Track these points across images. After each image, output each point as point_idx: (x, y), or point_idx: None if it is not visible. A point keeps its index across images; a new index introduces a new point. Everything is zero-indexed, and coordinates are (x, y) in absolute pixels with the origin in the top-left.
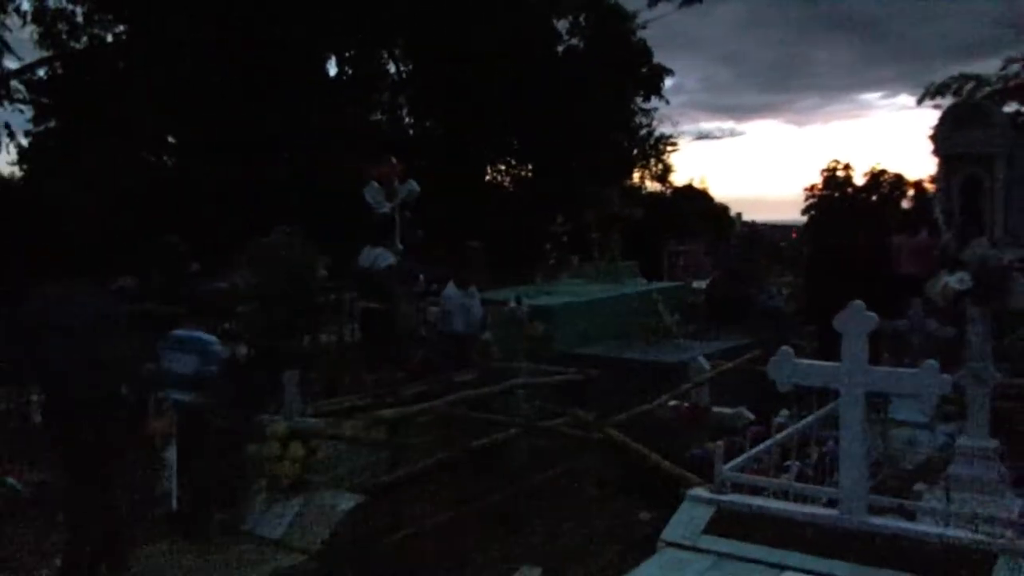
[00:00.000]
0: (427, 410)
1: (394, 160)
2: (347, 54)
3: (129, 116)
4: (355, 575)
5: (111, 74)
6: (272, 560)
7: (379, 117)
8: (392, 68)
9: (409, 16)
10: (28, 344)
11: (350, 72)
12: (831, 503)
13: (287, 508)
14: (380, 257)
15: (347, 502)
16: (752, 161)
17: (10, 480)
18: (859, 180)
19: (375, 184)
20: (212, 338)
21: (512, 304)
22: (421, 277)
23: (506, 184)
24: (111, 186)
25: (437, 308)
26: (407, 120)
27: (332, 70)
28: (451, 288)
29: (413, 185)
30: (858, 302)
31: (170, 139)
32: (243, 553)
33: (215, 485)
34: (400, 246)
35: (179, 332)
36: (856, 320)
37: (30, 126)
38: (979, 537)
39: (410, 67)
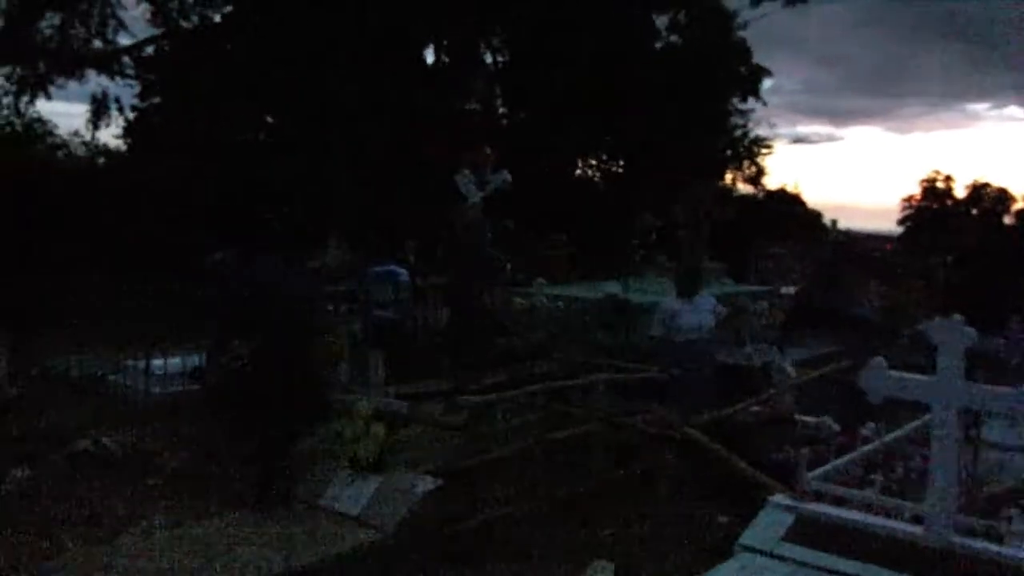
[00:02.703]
0: (507, 399)
1: (488, 149)
2: (444, 42)
3: (231, 95)
4: (429, 556)
5: (216, 53)
6: (350, 536)
7: (473, 106)
8: (489, 58)
9: (510, 6)
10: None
11: (447, 60)
12: (916, 519)
13: (366, 486)
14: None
15: (425, 484)
16: (849, 168)
17: (104, 440)
18: (960, 193)
19: (467, 172)
20: (402, 270)
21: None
22: (508, 266)
23: (596, 179)
24: (212, 162)
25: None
26: (500, 110)
27: (430, 57)
28: (669, 298)
29: (505, 174)
30: (957, 315)
31: (269, 119)
32: (322, 527)
33: (291, 459)
34: (489, 235)
35: (377, 268)
36: (953, 333)
37: (136, 102)
38: None
39: (507, 57)
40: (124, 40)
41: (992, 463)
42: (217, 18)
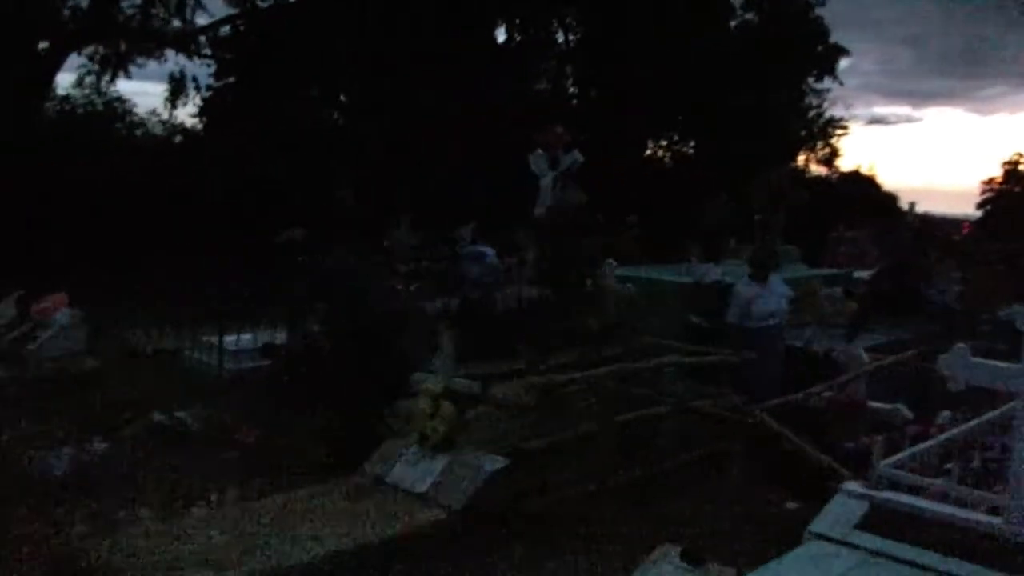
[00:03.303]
0: (576, 380)
1: (559, 129)
2: (517, 20)
3: (305, 75)
4: (496, 535)
5: (291, 33)
6: (417, 514)
7: (544, 85)
8: (560, 37)
9: None
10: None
11: (519, 39)
12: (993, 511)
13: (434, 464)
14: (709, 273)
15: (492, 464)
16: (927, 149)
17: (179, 414)
18: None
19: (540, 151)
20: (491, 251)
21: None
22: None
23: (666, 160)
24: (284, 141)
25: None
26: (571, 90)
27: (501, 36)
28: (743, 280)
29: (576, 155)
30: None
31: (342, 98)
32: (389, 504)
33: (362, 435)
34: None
35: (469, 248)
36: None
37: (211, 81)
38: None
39: (579, 36)
40: (201, 20)
41: None
42: None
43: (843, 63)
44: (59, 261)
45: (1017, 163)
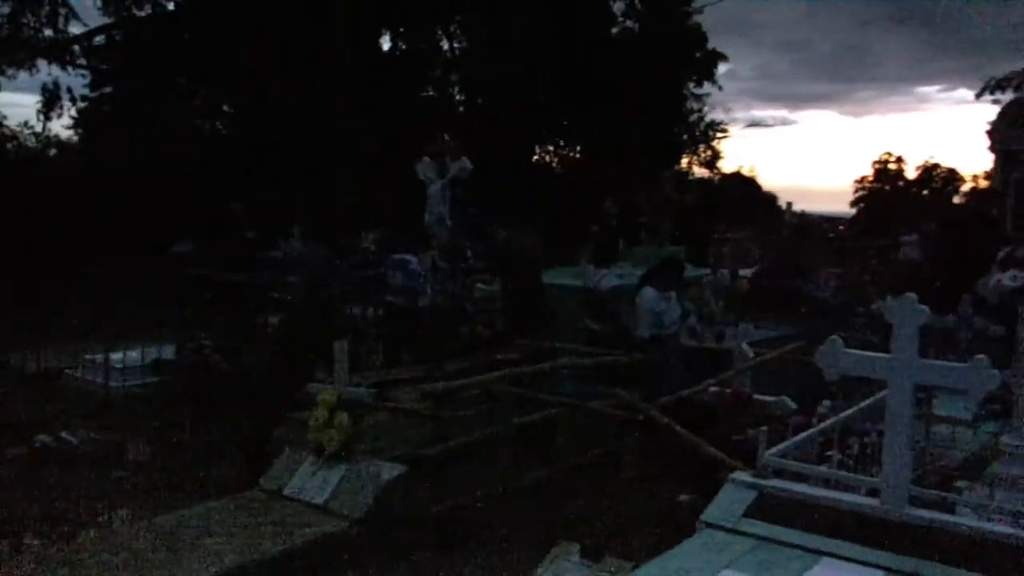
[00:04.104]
0: (472, 385)
1: (447, 136)
2: (401, 29)
3: (185, 84)
4: (396, 543)
5: (169, 43)
6: (316, 525)
7: (430, 93)
8: (445, 45)
9: None
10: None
11: (403, 47)
12: (872, 493)
13: (332, 475)
14: (604, 279)
15: (391, 472)
16: (804, 151)
17: (65, 435)
18: (911, 174)
19: (427, 160)
20: (414, 259)
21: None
22: (468, 254)
23: (554, 165)
24: (165, 152)
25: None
26: (458, 97)
27: (386, 44)
28: (647, 290)
29: (465, 162)
30: (910, 294)
31: (225, 108)
32: (288, 517)
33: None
34: (449, 223)
35: (396, 256)
36: (908, 312)
37: (87, 91)
38: (1020, 533)
39: (463, 44)
40: (75, 29)
41: (946, 437)
42: (171, 6)
43: (722, 68)
44: None
45: (887, 163)
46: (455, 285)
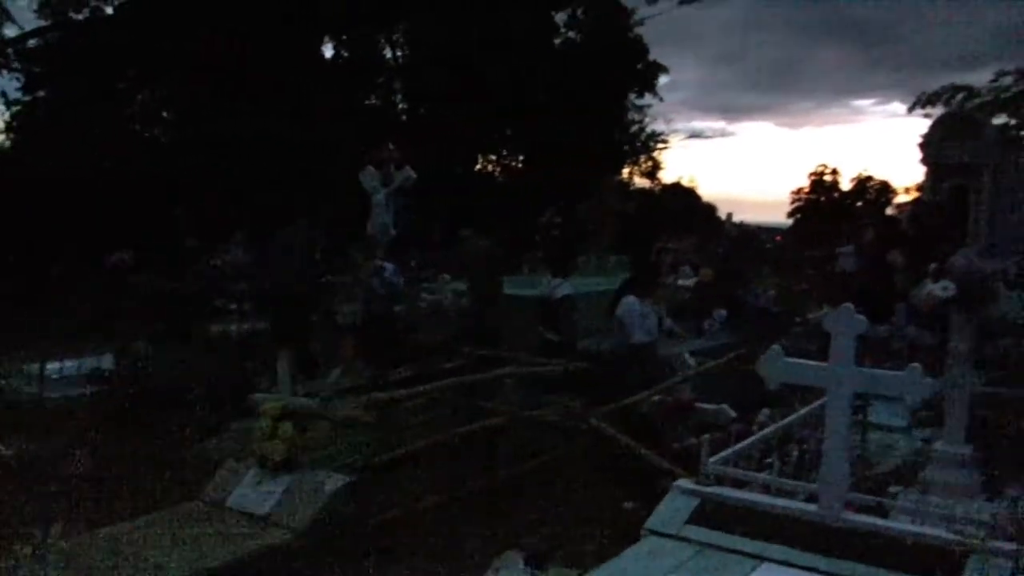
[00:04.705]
0: (418, 394)
1: (391, 146)
2: (343, 37)
3: (123, 89)
4: (341, 554)
5: (108, 47)
6: (260, 536)
7: (373, 101)
8: (389, 53)
9: (408, 1)
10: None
11: (346, 55)
12: (810, 498)
13: (276, 485)
14: (558, 288)
15: (336, 482)
16: (742, 162)
17: None
18: (846, 185)
19: (371, 169)
20: (391, 266)
21: None
22: (413, 263)
23: (497, 174)
24: (101, 158)
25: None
26: (401, 106)
27: (328, 52)
28: (631, 298)
29: (409, 172)
30: (848, 304)
31: (164, 114)
32: (231, 528)
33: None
34: (393, 232)
35: (376, 262)
36: (846, 322)
37: (20, 95)
38: (952, 536)
39: (407, 52)
40: (10, 32)
41: (881, 444)
42: (109, 10)
43: (662, 80)
44: None
45: (823, 175)
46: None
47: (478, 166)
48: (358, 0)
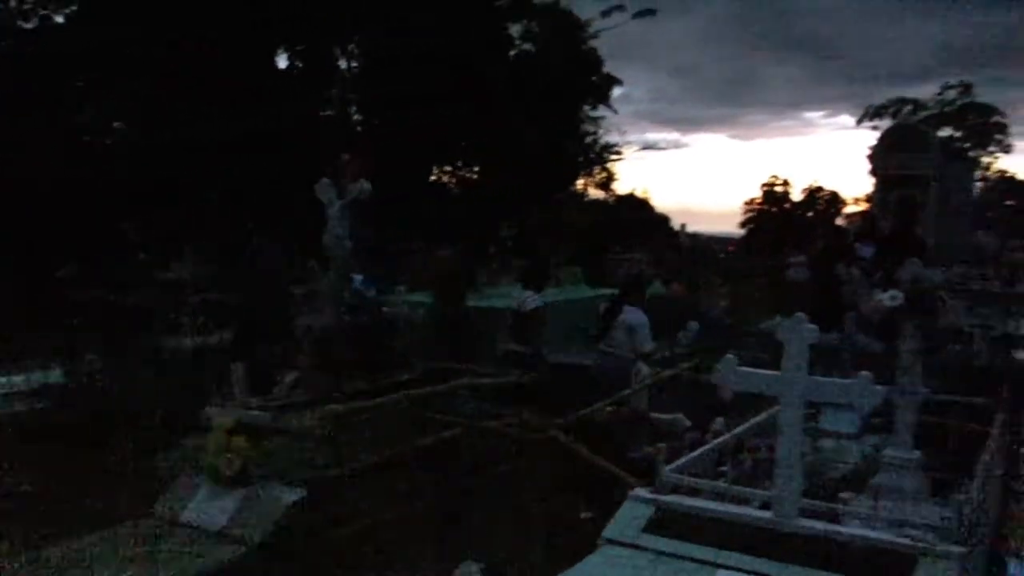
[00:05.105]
0: (373, 406)
1: (347, 157)
2: (297, 47)
3: (72, 98)
4: (296, 569)
5: (57, 56)
6: (213, 552)
7: (328, 112)
8: (343, 64)
9: (363, 12)
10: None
11: (300, 66)
12: (764, 506)
13: (229, 500)
14: (528, 300)
15: (290, 496)
16: (696, 173)
17: None
18: (797, 196)
19: (326, 181)
20: (360, 278)
21: None
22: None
23: (451, 185)
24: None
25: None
26: (355, 117)
27: (282, 63)
28: (633, 309)
29: (365, 184)
30: (799, 314)
31: (115, 124)
32: (184, 544)
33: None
34: (348, 244)
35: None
36: (797, 331)
37: None
38: (902, 540)
39: (361, 63)
40: None
41: (832, 450)
42: (59, 19)
43: (616, 92)
44: None
45: (774, 185)
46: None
47: (433, 177)
48: (311, 10)
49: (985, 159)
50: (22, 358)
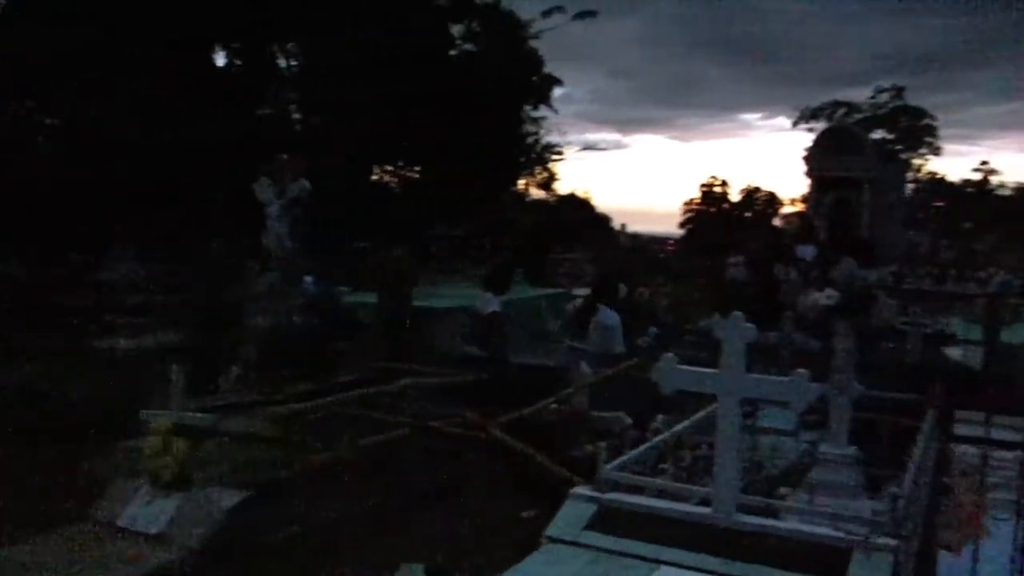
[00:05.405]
0: (317, 407)
1: (286, 156)
2: (234, 45)
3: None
4: (238, 573)
5: None
6: (154, 556)
7: (267, 111)
8: (283, 63)
9: (302, 10)
10: None
11: (239, 64)
12: (704, 502)
13: (167, 504)
14: (488, 303)
15: (231, 499)
16: (636, 174)
17: None
18: (735, 197)
19: (265, 180)
20: (309, 279)
21: None
22: (308, 279)
23: (393, 185)
24: None
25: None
26: (295, 116)
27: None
28: (608, 310)
29: (304, 183)
30: (738, 313)
31: (48, 121)
32: (122, 549)
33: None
34: (289, 244)
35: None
36: (736, 330)
37: None
38: (837, 534)
39: (301, 62)
40: None
41: (770, 447)
42: None
43: (557, 92)
44: None
45: (712, 186)
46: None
47: (374, 176)
48: (250, 8)
49: (916, 161)
50: None
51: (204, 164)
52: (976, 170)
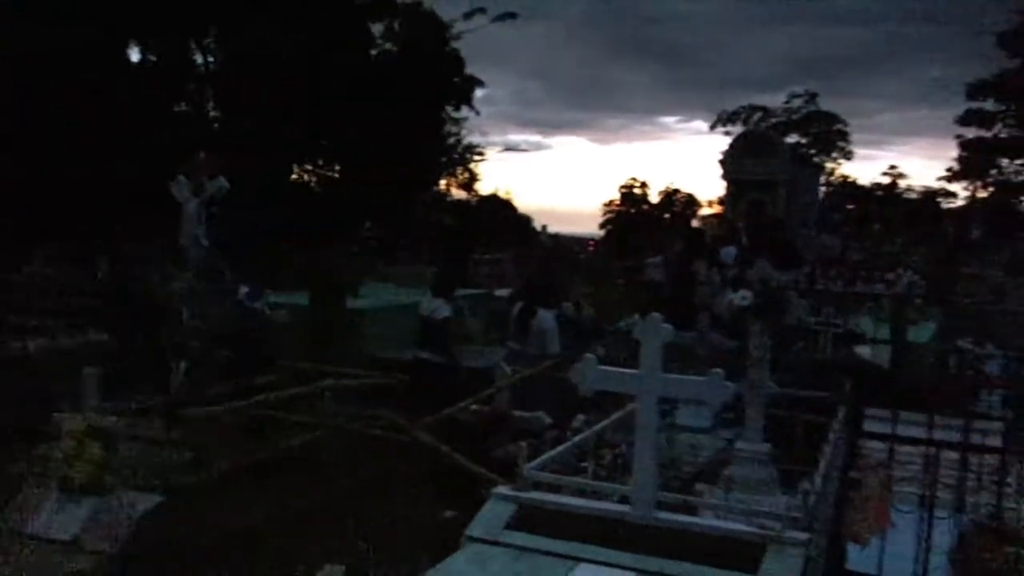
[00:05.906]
0: (234, 410)
1: (203, 154)
2: (149, 41)
3: None
4: None
5: None
6: (64, 563)
7: (184, 108)
8: (200, 59)
9: (220, 5)
10: None
11: (154, 59)
12: (624, 500)
13: (80, 509)
14: (439, 309)
15: (146, 503)
16: (557, 175)
17: None
18: (654, 198)
19: (182, 178)
20: (245, 289)
21: None
22: (227, 274)
23: (313, 184)
24: None
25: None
26: (213, 114)
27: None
28: (545, 312)
29: (222, 181)
30: (655, 314)
31: None
32: (32, 556)
33: None
34: (205, 243)
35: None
36: (653, 331)
37: None
38: (752, 529)
39: (218, 59)
40: None
41: (688, 444)
42: None
43: (479, 93)
44: None
45: (632, 187)
46: (216, 307)
47: (294, 176)
48: (166, 2)
49: (829, 165)
50: None
51: (118, 163)
52: (885, 174)
